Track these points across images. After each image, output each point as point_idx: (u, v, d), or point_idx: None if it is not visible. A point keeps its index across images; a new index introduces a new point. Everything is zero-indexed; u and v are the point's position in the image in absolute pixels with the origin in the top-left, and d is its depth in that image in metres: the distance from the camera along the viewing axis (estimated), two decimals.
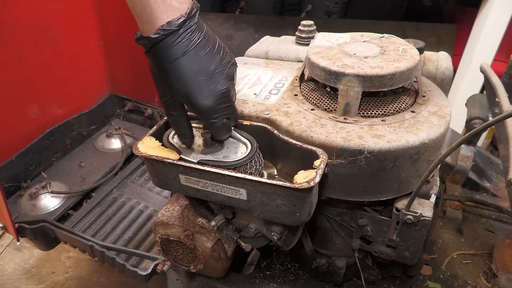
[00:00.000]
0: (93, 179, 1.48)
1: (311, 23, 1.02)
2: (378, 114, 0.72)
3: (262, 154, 0.74)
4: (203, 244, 0.83)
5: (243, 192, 0.65)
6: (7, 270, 1.73)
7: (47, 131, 1.52)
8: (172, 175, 0.70)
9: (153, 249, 1.21)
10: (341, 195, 0.74)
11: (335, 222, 0.88)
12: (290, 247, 0.79)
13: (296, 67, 0.96)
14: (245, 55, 1.07)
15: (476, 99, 1.10)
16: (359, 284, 0.94)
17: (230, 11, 2.76)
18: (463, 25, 2.21)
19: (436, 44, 2.14)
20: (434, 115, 0.73)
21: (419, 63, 0.74)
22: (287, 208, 0.64)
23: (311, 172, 0.62)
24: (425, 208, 0.72)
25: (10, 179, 1.39)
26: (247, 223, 0.80)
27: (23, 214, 1.31)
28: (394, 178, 0.70)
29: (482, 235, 1.10)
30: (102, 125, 1.78)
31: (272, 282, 0.95)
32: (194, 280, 0.98)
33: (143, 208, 1.37)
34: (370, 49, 0.77)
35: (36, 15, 1.41)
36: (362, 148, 0.66)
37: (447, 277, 0.98)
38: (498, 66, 1.77)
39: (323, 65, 0.72)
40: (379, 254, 0.81)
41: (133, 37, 0.61)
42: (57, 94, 1.55)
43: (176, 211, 0.87)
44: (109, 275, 1.69)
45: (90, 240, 1.13)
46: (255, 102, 0.80)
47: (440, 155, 0.60)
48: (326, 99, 0.76)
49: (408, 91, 0.78)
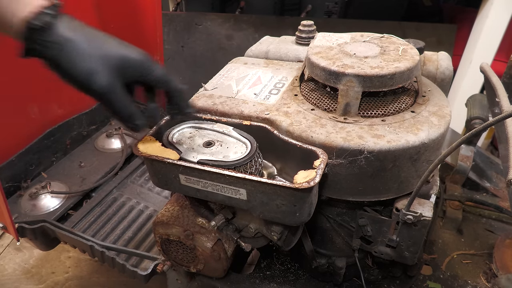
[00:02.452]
0: (93, 179, 1.48)
1: (311, 23, 1.02)
2: (378, 114, 0.72)
3: (262, 154, 0.74)
4: (203, 244, 0.83)
5: (243, 192, 0.65)
6: (7, 270, 1.73)
7: (47, 131, 1.52)
8: (172, 175, 0.70)
9: (153, 249, 1.21)
10: (341, 195, 0.74)
11: (335, 222, 0.88)
12: (290, 247, 0.79)
13: (296, 67, 0.96)
14: (245, 55, 1.07)
15: (476, 99, 1.10)
16: (359, 284, 0.94)
17: (230, 11, 2.76)
18: (463, 25, 2.20)
19: (436, 44, 2.14)
20: (434, 115, 0.73)
21: (419, 63, 0.74)
22: (287, 208, 0.64)
23: (311, 172, 0.62)
24: (425, 208, 0.72)
25: (10, 179, 1.39)
26: (247, 223, 0.80)
27: (23, 214, 1.31)
28: (394, 178, 0.70)
29: (482, 235, 1.10)
30: (102, 125, 1.78)
31: (272, 282, 0.95)
32: (194, 280, 0.98)
33: (143, 208, 1.37)
34: (370, 49, 0.77)
35: None
36: (362, 148, 0.65)
37: (447, 277, 0.98)
38: (498, 66, 1.76)
39: (323, 65, 0.72)
40: (379, 254, 0.81)
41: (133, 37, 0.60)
42: (57, 94, 1.55)
43: (176, 211, 0.87)
44: (109, 275, 1.69)
45: (90, 240, 1.13)
46: (255, 102, 0.80)
47: (440, 155, 0.60)
48: (326, 99, 0.76)
49: (408, 91, 0.78)
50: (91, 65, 0.52)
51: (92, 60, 0.52)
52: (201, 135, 0.76)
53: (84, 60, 0.52)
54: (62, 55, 0.51)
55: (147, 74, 0.60)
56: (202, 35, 2.42)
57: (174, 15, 2.51)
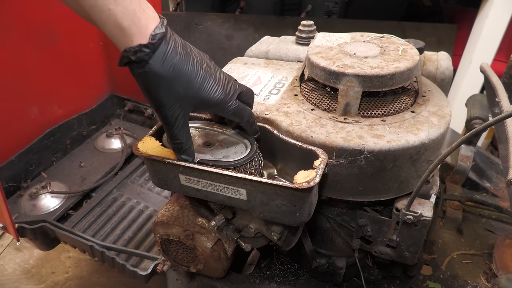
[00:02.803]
0: (93, 179, 1.48)
1: (311, 23, 1.02)
2: (378, 114, 0.72)
3: (262, 154, 0.74)
4: (203, 244, 0.83)
5: (243, 192, 0.65)
6: (7, 270, 1.73)
7: (47, 131, 1.52)
8: (172, 175, 0.70)
9: (153, 249, 1.21)
10: (341, 195, 0.74)
11: (335, 222, 0.87)
12: (290, 247, 0.79)
13: (296, 67, 0.96)
14: (245, 55, 1.07)
15: (476, 99, 1.10)
16: (359, 284, 0.94)
17: (230, 11, 2.76)
18: (463, 25, 2.20)
19: (436, 44, 2.14)
20: (434, 115, 0.73)
21: (419, 63, 0.74)
22: (287, 208, 0.64)
23: (311, 172, 0.62)
24: (425, 208, 0.72)
25: (10, 179, 1.39)
26: (247, 223, 0.80)
27: (23, 214, 1.32)
28: (394, 178, 0.70)
29: (482, 235, 1.10)
30: (102, 125, 1.78)
31: (272, 282, 0.95)
32: (194, 280, 0.98)
33: (143, 208, 1.37)
34: (370, 49, 0.77)
35: (36, 15, 1.41)
36: (362, 148, 0.65)
37: (447, 277, 0.98)
38: (498, 66, 1.77)
39: (323, 65, 0.72)
40: (379, 254, 0.81)
41: None
42: (57, 94, 1.55)
43: (176, 211, 0.87)
44: (109, 275, 1.69)
45: (90, 240, 1.13)
46: (255, 102, 0.80)
47: (440, 155, 0.60)
48: (326, 99, 0.76)
49: (408, 91, 0.78)
50: (163, 99, 0.58)
51: (169, 95, 0.58)
52: (201, 135, 0.75)
53: (160, 93, 0.58)
54: (146, 81, 0.56)
55: (221, 112, 0.67)
56: (202, 35, 2.42)
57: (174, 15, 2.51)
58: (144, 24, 0.53)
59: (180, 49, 0.57)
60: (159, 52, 0.55)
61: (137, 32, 0.53)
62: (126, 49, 0.53)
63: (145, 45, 0.53)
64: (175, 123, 0.61)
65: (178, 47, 0.57)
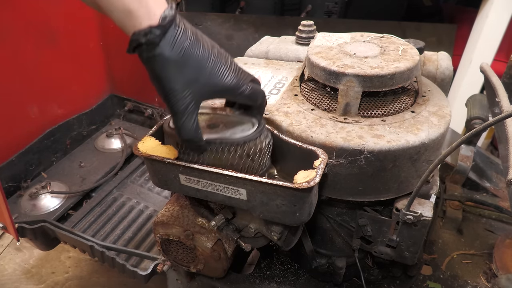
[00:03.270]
0: (93, 179, 1.48)
1: (311, 23, 1.02)
2: (378, 114, 0.72)
3: None
4: (203, 244, 0.83)
5: (243, 192, 0.65)
6: (7, 270, 1.73)
7: (47, 131, 1.52)
8: (172, 175, 0.70)
9: (153, 249, 1.22)
10: (341, 195, 0.74)
11: (335, 222, 0.87)
12: (290, 247, 0.79)
13: (296, 67, 0.96)
14: (245, 55, 1.07)
15: (476, 99, 1.10)
16: (359, 284, 0.94)
17: (230, 11, 2.76)
18: (463, 25, 2.20)
19: (436, 44, 2.14)
20: (434, 115, 0.73)
21: (419, 63, 0.74)
22: (287, 208, 0.64)
23: (311, 172, 0.62)
24: (425, 208, 0.72)
25: (10, 179, 1.39)
26: (247, 223, 0.80)
27: (23, 214, 1.32)
28: (394, 178, 0.70)
29: (482, 235, 1.10)
30: (102, 125, 1.78)
31: (272, 282, 0.95)
32: (194, 280, 0.98)
33: (143, 208, 1.37)
34: (370, 49, 0.77)
35: (36, 15, 1.41)
36: (362, 148, 0.65)
37: (447, 277, 0.98)
38: (498, 66, 1.76)
39: (323, 65, 0.72)
40: (379, 254, 0.81)
41: None
42: (57, 94, 1.55)
43: (176, 211, 0.87)
44: (109, 275, 1.69)
45: (90, 240, 1.13)
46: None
47: (440, 155, 0.60)
48: (326, 99, 0.76)
49: (408, 91, 0.78)
50: (173, 85, 0.55)
51: (179, 81, 0.55)
52: (204, 120, 0.72)
53: (170, 80, 0.55)
54: (155, 66, 0.54)
55: (234, 97, 0.64)
56: None
57: None
58: (153, 6, 0.52)
59: (190, 33, 0.55)
60: (169, 35, 0.53)
61: (145, 14, 0.51)
62: (135, 32, 0.51)
63: (155, 26, 0.51)
64: (185, 112, 0.57)
65: (188, 31, 0.55)
